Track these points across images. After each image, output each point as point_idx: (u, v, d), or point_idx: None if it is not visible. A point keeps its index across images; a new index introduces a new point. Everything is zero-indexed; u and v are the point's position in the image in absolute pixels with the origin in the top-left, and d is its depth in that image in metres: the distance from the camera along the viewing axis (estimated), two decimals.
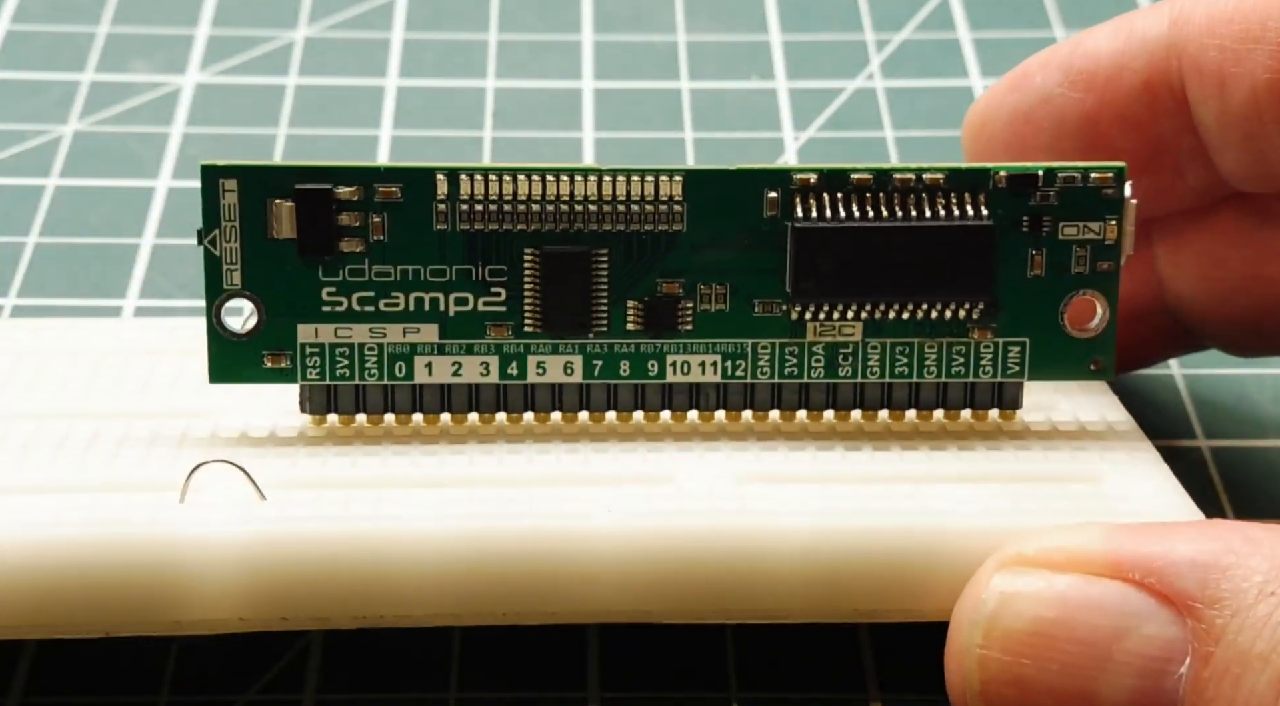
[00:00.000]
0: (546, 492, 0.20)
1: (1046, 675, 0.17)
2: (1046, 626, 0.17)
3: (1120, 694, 0.17)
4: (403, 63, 0.34)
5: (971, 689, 0.18)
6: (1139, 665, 0.17)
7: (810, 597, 0.19)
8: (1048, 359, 0.22)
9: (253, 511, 0.19)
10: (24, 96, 0.33)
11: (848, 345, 0.21)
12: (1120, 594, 0.17)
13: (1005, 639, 0.18)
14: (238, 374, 0.21)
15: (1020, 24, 0.35)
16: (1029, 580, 0.18)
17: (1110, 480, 0.21)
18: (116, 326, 0.25)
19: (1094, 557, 0.18)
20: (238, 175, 0.21)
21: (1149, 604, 0.17)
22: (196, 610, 0.19)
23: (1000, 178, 0.21)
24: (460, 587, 0.19)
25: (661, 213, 0.21)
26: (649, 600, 0.19)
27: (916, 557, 0.19)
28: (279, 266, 0.21)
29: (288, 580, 0.19)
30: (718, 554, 0.19)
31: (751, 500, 0.20)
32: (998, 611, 0.18)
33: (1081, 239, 0.21)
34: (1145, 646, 0.17)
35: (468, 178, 0.21)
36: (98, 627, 0.19)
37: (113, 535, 0.19)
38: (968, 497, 0.20)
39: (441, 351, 0.21)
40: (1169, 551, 0.17)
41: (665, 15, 0.35)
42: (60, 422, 0.21)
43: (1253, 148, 0.21)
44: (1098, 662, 0.17)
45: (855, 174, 0.21)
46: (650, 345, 0.21)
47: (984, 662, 0.18)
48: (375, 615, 0.19)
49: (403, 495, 0.20)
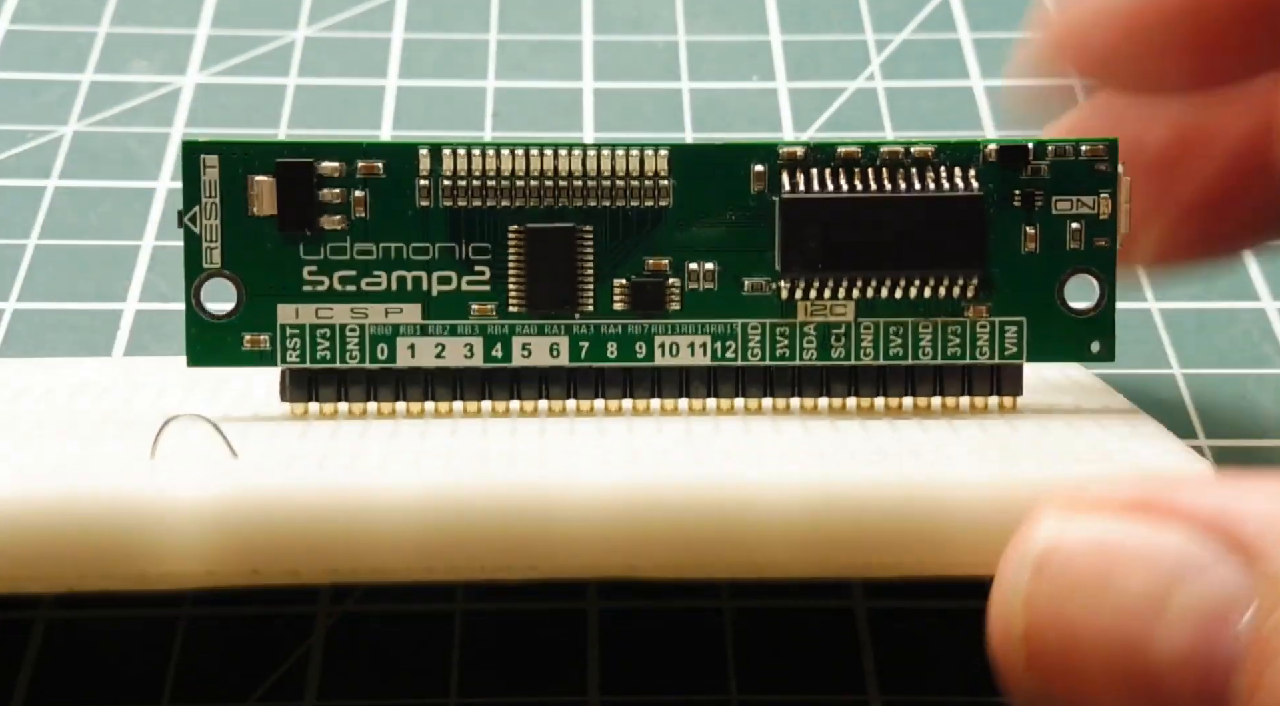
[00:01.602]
0: (528, 454, 0.19)
1: (1098, 619, 0.16)
2: (1102, 567, 0.16)
3: (1176, 643, 0.16)
4: (403, 63, 0.34)
5: (1015, 631, 0.17)
6: (1198, 614, 0.16)
7: (800, 550, 0.18)
8: (1046, 339, 0.21)
9: (223, 464, 0.19)
10: (24, 96, 0.33)
11: (840, 325, 0.21)
12: (1184, 538, 0.16)
13: (1056, 579, 0.16)
14: (217, 356, 0.21)
15: (1020, 24, 0.35)
16: (1086, 521, 0.17)
17: (1116, 446, 0.20)
18: (106, 364, 0.25)
19: (1159, 503, 0.16)
20: (219, 150, 0.20)
21: (1215, 550, 0.16)
22: (163, 563, 0.18)
23: (990, 151, 0.21)
24: (436, 542, 0.18)
25: (648, 188, 0.21)
26: (633, 554, 0.18)
27: (909, 508, 0.18)
28: (259, 245, 0.21)
29: (257, 533, 0.18)
30: (702, 505, 0.18)
31: (739, 455, 0.19)
32: (1050, 551, 0.17)
33: (1075, 214, 0.21)
34: (1206, 594, 0.16)
35: (450, 153, 0.20)
36: (61, 582, 0.18)
37: (78, 486, 0.18)
38: (963, 455, 0.19)
39: (424, 332, 0.21)
40: (1239, 499, 0.16)
41: (665, 15, 0.35)
42: (37, 417, 0.21)
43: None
44: (1154, 609, 0.16)
45: (843, 147, 0.20)
46: (638, 326, 0.21)
47: (1031, 602, 0.16)
48: (348, 569, 0.18)
49: (379, 456, 0.19)
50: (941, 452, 0.19)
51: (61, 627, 0.22)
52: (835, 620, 0.23)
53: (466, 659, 0.21)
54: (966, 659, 0.22)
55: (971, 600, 0.23)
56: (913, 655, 0.22)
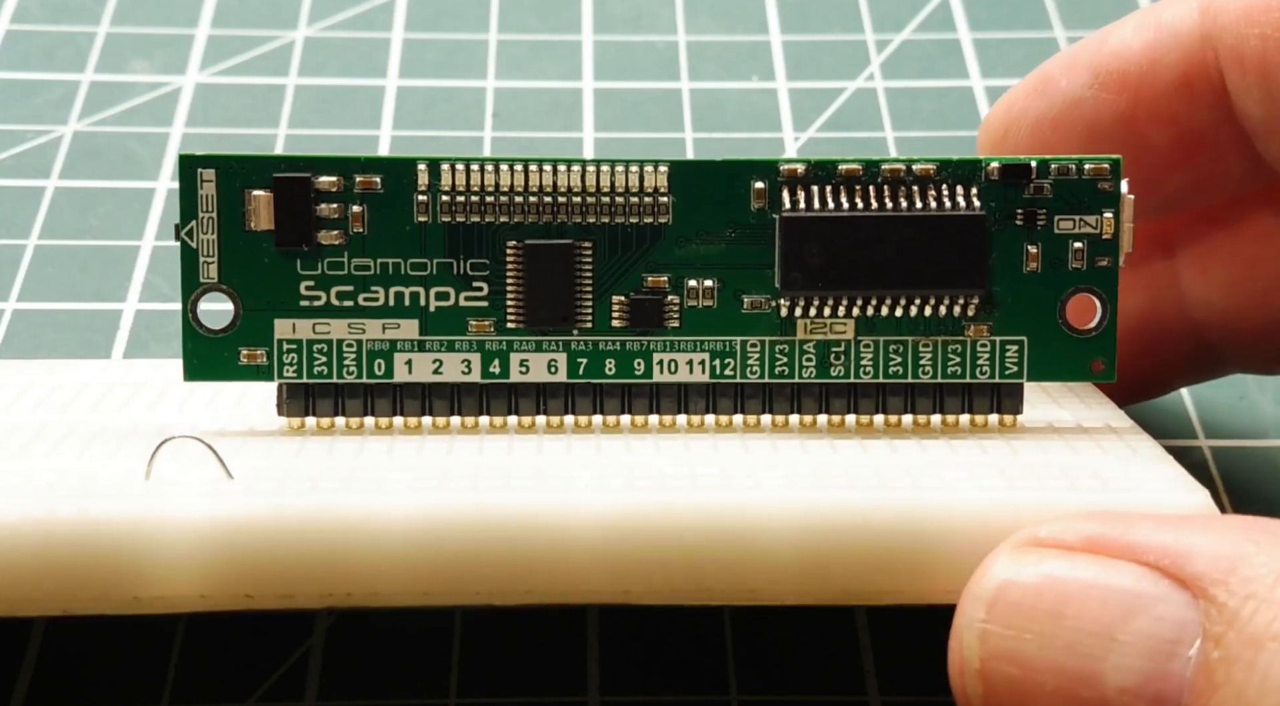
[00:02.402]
0: (523, 475, 0.19)
1: (1050, 652, 0.17)
2: (1053, 602, 0.17)
3: (1126, 675, 0.16)
4: (403, 63, 0.34)
5: (970, 666, 0.17)
6: (1147, 646, 0.16)
7: (796, 576, 0.18)
8: (1047, 359, 0.21)
9: (217, 487, 0.19)
10: (24, 97, 0.33)
11: (840, 343, 0.21)
12: (1133, 574, 0.17)
13: (1009, 614, 0.17)
14: (213, 371, 0.21)
15: (1020, 24, 0.35)
16: (1039, 559, 0.17)
17: (1115, 471, 0.20)
18: (103, 367, 0.24)
19: (1110, 542, 0.17)
20: (216, 165, 0.20)
21: (1162, 585, 0.16)
22: (156, 586, 0.18)
23: (992, 169, 0.20)
24: (430, 565, 0.18)
25: (647, 205, 0.20)
26: (628, 579, 0.18)
27: (906, 535, 0.18)
28: (256, 259, 0.20)
29: (251, 556, 0.18)
30: (699, 530, 0.18)
31: (736, 479, 0.19)
32: (1004, 587, 0.17)
33: (1078, 233, 0.21)
34: (1155, 627, 0.16)
35: (449, 168, 0.20)
36: (54, 605, 0.18)
37: (72, 508, 0.18)
38: (962, 480, 0.19)
39: (422, 348, 0.21)
40: (1187, 537, 0.16)
41: (665, 15, 0.35)
42: (33, 427, 0.21)
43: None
44: (1104, 642, 0.16)
45: (844, 165, 0.20)
46: (636, 342, 0.21)
47: (985, 637, 0.17)
48: (342, 593, 0.18)
49: (374, 476, 0.19)
50: (939, 477, 0.19)
51: (61, 627, 0.23)
52: (835, 620, 0.23)
53: (466, 659, 0.21)
54: None
55: None
56: (913, 655, 0.22)
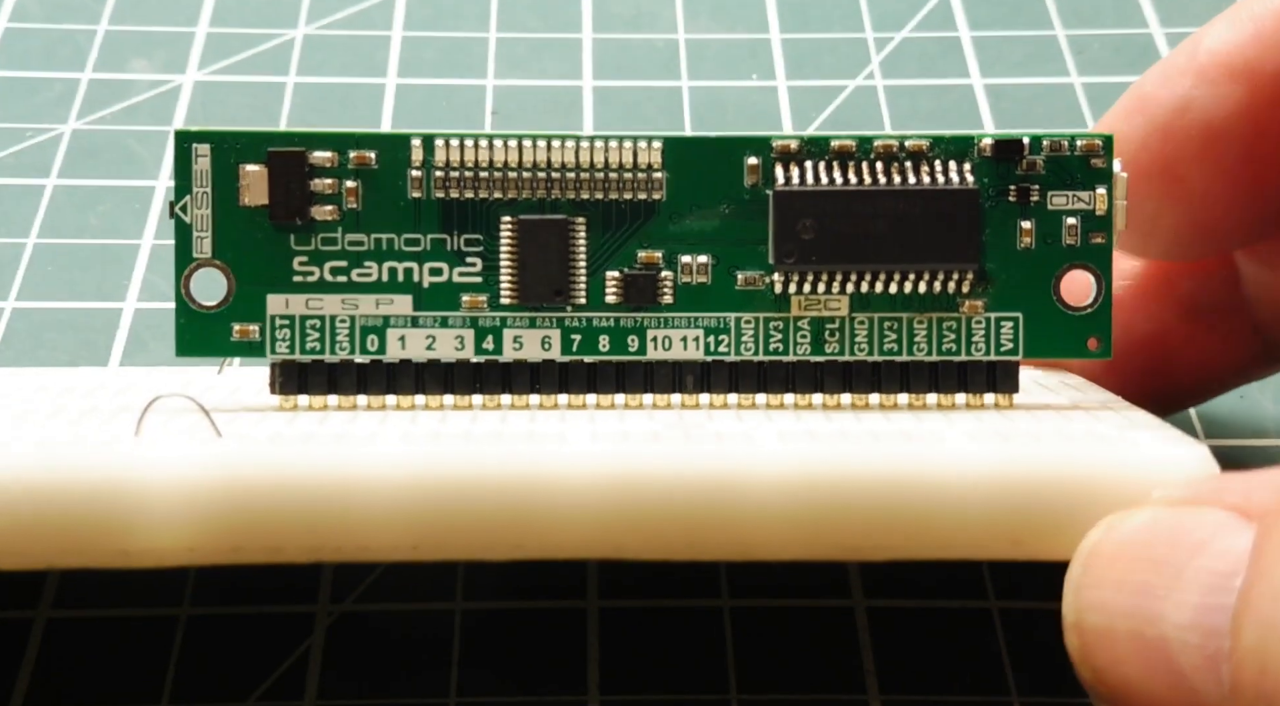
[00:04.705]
0: (516, 435, 0.19)
1: (1123, 595, 0.17)
2: (1137, 550, 0.17)
3: (1183, 612, 0.16)
4: (402, 61, 0.34)
5: (1068, 621, 0.17)
6: (1206, 581, 0.16)
7: (789, 529, 0.18)
8: (1043, 336, 0.21)
9: (205, 441, 0.19)
10: (23, 95, 0.33)
11: (834, 320, 0.21)
12: (1207, 515, 0.17)
13: (1099, 566, 0.17)
14: (205, 346, 0.21)
15: (1020, 24, 0.35)
16: (1133, 515, 0.17)
17: (1112, 433, 0.19)
18: (101, 374, 0.24)
19: (1206, 493, 0.17)
20: (211, 140, 0.20)
21: (1228, 519, 0.16)
22: (144, 539, 0.18)
23: (985, 145, 0.20)
24: (420, 518, 0.18)
25: (641, 180, 0.20)
26: (620, 532, 0.18)
27: (899, 488, 0.18)
28: (250, 235, 0.20)
29: (239, 507, 0.18)
30: (692, 482, 0.18)
31: (729, 435, 0.19)
32: (1099, 542, 0.17)
33: (1071, 209, 0.21)
34: (1215, 562, 0.16)
35: (443, 144, 0.20)
36: (42, 559, 0.18)
37: (59, 460, 0.18)
38: (957, 437, 0.19)
39: (415, 323, 0.21)
40: (1263, 475, 0.16)
41: (665, 15, 0.35)
42: (28, 407, 0.21)
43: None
44: (1169, 581, 0.16)
45: (836, 141, 0.20)
46: (630, 319, 0.21)
47: (1079, 591, 0.17)
48: (332, 547, 0.18)
49: (366, 434, 0.19)
50: (935, 436, 0.19)
51: (61, 627, 0.22)
52: (835, 620, 0.23)
53: (466, 659, 0.21)
54: (966, 659, 0.22)
55: (971, 600, 0.23)
56: (913, 655, 0.22)
